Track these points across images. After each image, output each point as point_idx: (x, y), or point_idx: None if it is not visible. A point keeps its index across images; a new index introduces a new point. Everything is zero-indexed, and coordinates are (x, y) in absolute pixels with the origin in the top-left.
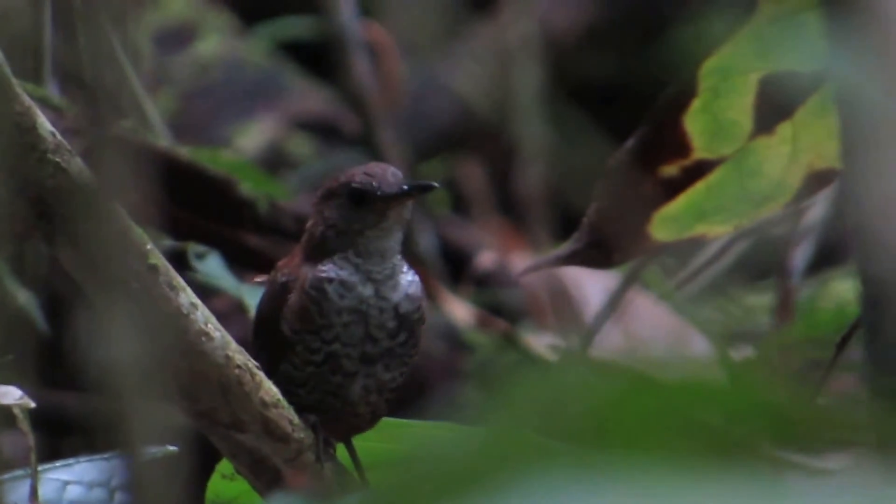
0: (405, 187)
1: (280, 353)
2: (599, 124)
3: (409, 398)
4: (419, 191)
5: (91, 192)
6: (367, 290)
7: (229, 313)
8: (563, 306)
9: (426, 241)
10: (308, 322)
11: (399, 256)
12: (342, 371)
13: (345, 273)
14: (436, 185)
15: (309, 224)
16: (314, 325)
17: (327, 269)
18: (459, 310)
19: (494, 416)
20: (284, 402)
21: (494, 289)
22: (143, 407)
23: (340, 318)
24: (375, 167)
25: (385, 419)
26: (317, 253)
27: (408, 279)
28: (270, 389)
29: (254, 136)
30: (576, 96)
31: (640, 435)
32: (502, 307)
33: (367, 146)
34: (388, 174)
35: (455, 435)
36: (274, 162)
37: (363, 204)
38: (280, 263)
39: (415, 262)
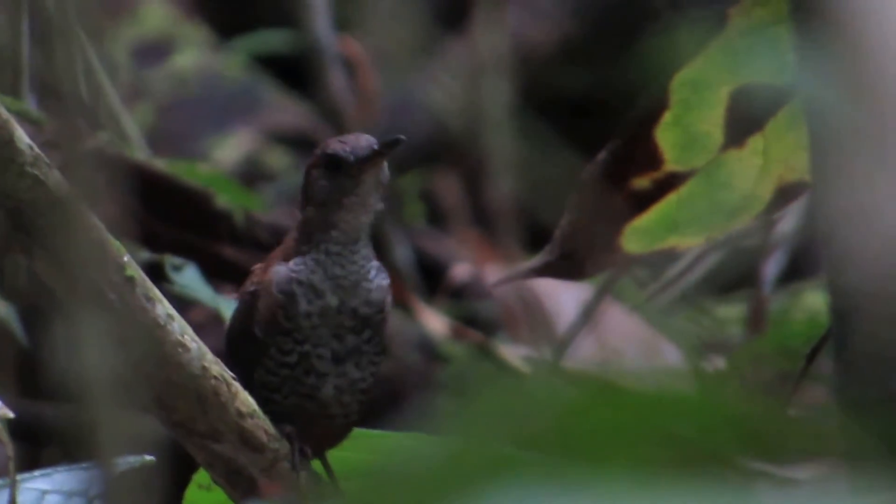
0: (375, 147)
1: (255, 358)
2: (571, 137)
3: (382, 409)
4: (389, 147)
5: (68, 204)
6: (333, 299)
7: (206, 324)
8: (536, 318)
9: (402, 253)
10: (277, 323)
11: (367, 250)
12: (315, 371)
13: (315, 277)
14: (402, 137)
15: (296, 214)
16: (283, 326)
17: (298, 270)
18: (434, 321)
19: (466, 426)
20: (260, 413)
21: (469, 300)
22: (118, 417)
23: (309, 321)
24: (349, 136)
25: (358, 430)
26: (294, 248)
27: (373, 278)
28: (246, 400)
29: (230, 149)
30: (547, 110)
31: (611, 446)
32: (477, 319)
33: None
34: (361, 140)
35: (427, 446)
36: (251, 175)
37: (339, 170)
38: (253, 270)
39: (390, 273)
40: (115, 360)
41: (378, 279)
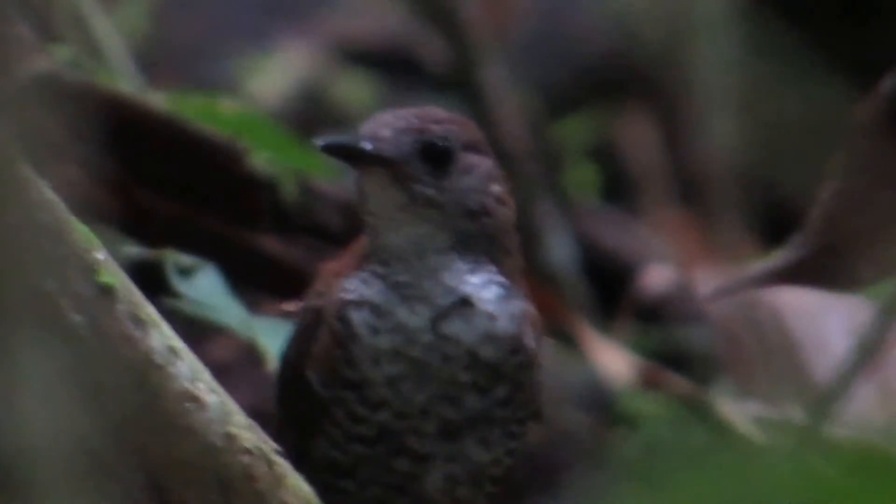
0: (365, 146)
1: (312, 421)
2: (833, 54)
3: (524, 495)
4: (371, 157)
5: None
6: (412, 318)
7: (234, 365)
8: (780, 353)
9: (560, 247)
10: (336, 373)
11: (458, 258)
12: (409, 453)
13: (373, 291)
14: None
15: None
16: (345, 378)
17: (352, 288)
18: (613, 359)
19: None
20: None
21: (670, 324)
22: None
23: (381, 371)
24: (403, 111)
25: None
26: (361, 255)
27: (486, 296)
28: (299, 488)
29: (275, 75)
30: (793, 10)
31: None
32: (684, 354)
33: (464, 90)
34: (391, 123)
35: None
36: (310, 116)
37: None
38: (323, 272)
39: (540, 280)
40: (79, 423)
41: (503, 304)
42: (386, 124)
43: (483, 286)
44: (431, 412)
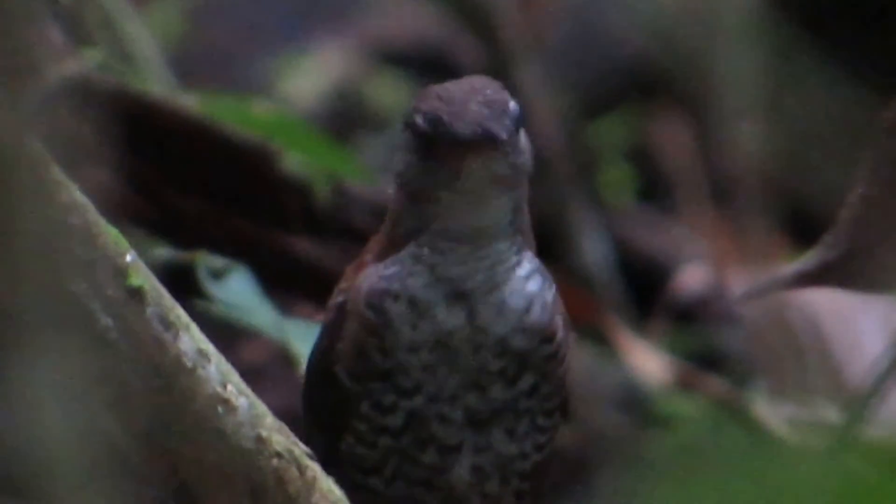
0: (488, 126)
1: (340, 419)
2: (860, 57)
3: (557, 497)
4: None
5: (29, 167)
6: (452, 317)
7: (266, 368)
8: (814, 353)
9: (595, 248)
10: (368, 363)
11: (512, 241)
12: (436, 442)
13: (416, 283)
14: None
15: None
16: (377, 367)
17: (390, 276)
18: (648, 360)
19: None
20: None
21: (706, 325)
22: None
23: (417, 358)
24: (459, 88)
25: None
26: (391, 240)
27: (526, 290)
28: (331, 491)
29: (310, 76)
30: (821, 14)
31: None
32: (719, 356)
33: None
34: (473, 102)
35: None
36: (344, 117)
37: (431, 148)
38: (346, 272)
39: (575, 280)
40: (107, 427)
41: (538, 287)
42: (478, 103)
43: (527, 277)
44: (459, 400)
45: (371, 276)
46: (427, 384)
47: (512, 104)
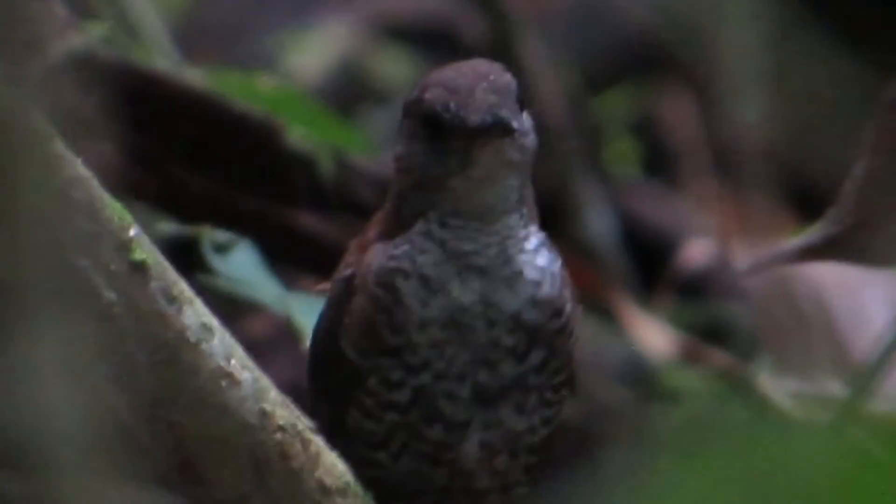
0: (498, 115)
1: (346, 393)
2: (861, 33)
3: (562, 470)
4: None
5: (33, 141)
6: (466, 293)
7: (271, 342)
8: (818, 327)
9: (600, 221)
10: (376, 339)
11: (520, 215)
12: (443, 419)
13: (427, 260)
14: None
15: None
16: (386, 344)
17: (401, 254)
18: (653, 333)
19: None
20: (358, 487)
21: (711, 299)
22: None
23: (428, 335)
24: (462, 74)
25: None
26: (397, 218)
27: (537, 263)
28: (335, 465)
29: (315, 51)
30: None
31: None
32: (724, 329)
33: (503, 65)
34: (479, 89)
35: None
36: (349, 92)
37: (440, 137)
38: (350, 246)
39: (581, 254)
40: (111, 401)
41: (547, 260)
42: (484, 90)
43: (536, 251)
44: (468, 377)
45: (380, 254)
46: (436, 361)
47: (515, 84)
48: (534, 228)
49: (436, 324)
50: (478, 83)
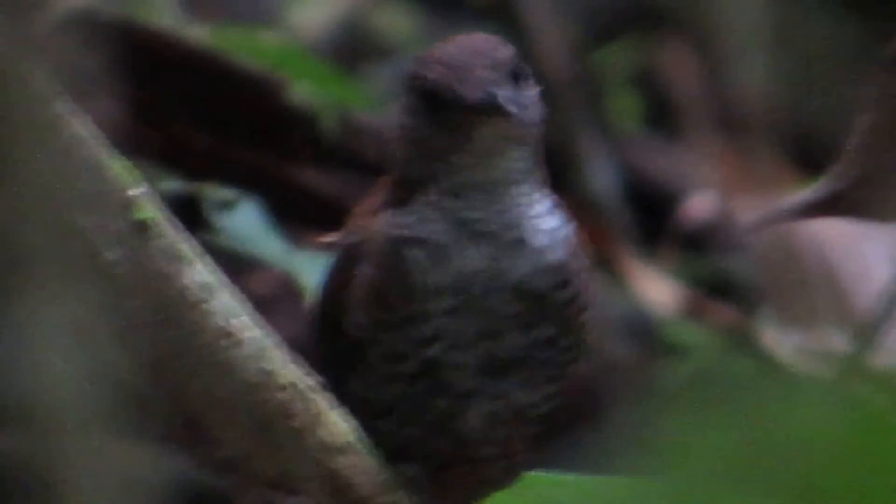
0: (493, 94)
1: (349, 361)
2: None
3: (568, 428)
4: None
5: (33, 101)
6: (474, 260)
7: (274, 298)
8: (821, 282)
9: (603, 176)
10: (384, 311)
11: (529, 183)
12: (450, 390)
13: (436, 228)
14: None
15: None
16: (394, 316)
17: (409, 223)
18: (657, 288)
19: (710, 462)
20: (361, 443)
21: (715, 253)
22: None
23: (438, 304)
24: (461, 50)
25: (530, 475)
26: (403, 186)
27: (545, 227)
28: (336, 424)
29: (317, 8)
30: None
31: None
32: (728, 283)
33: (505, 20)
34: (479, 66)
35: (635, 497)
36: (351, 49)
37: (439, 113)
38: (356, 211)
39: (583, 209)
40: (114, 362)
41: (557, 224)
42: (483, 67)
43: (545, 216)
44: (475, 347)
45: (387, 223)
46: (445, 331)
47: (516, 59)
48: (544, 193)
49: (446, 291)
50: (476, 60)
